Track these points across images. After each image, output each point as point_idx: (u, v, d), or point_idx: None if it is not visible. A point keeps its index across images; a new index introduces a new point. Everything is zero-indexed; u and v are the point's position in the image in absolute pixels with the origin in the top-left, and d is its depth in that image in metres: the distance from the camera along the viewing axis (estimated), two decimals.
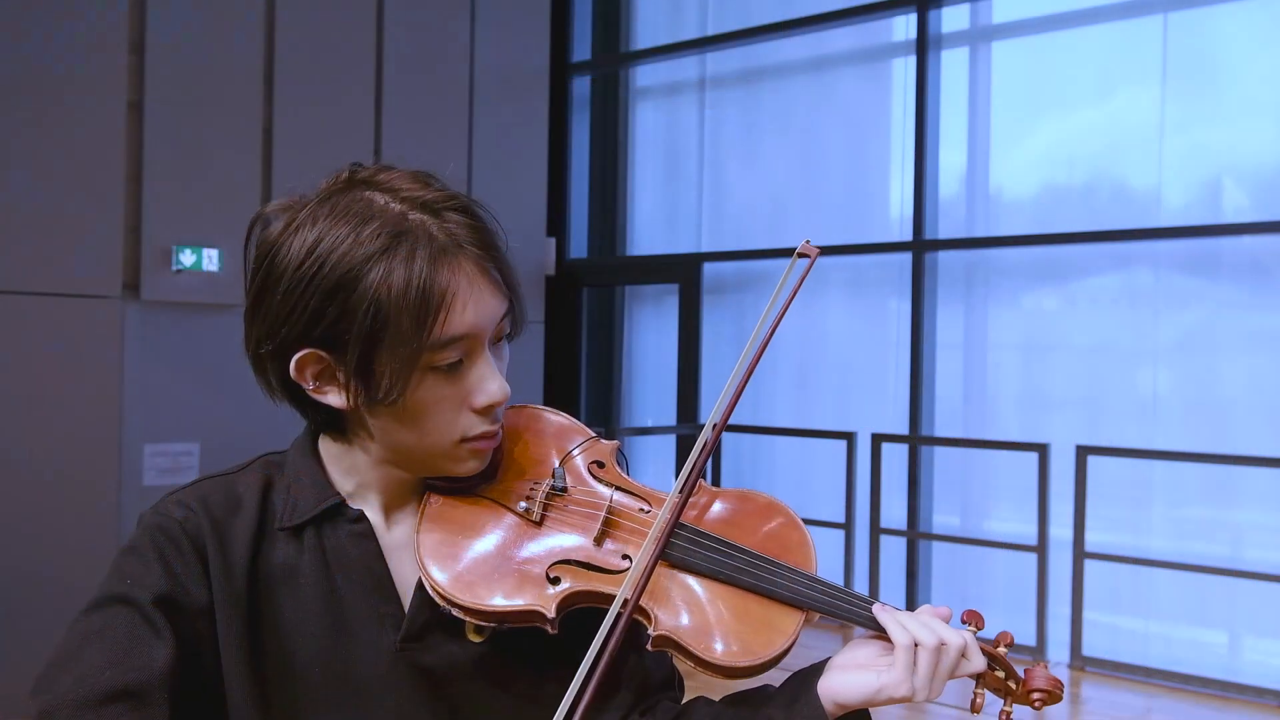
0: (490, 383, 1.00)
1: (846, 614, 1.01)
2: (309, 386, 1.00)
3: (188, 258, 4.41)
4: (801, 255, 1.10)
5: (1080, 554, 4.49)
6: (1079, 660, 4.47)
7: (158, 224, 4.38)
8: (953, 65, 5.22)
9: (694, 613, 0.99)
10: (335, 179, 1.01)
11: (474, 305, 0.97)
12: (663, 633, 0.97)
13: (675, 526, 1.02)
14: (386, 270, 0.94)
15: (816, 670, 1.02)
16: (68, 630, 0.96)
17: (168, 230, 4.40)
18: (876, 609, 1.01)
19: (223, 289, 4.48)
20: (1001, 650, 1.04)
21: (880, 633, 1.00)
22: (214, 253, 4.48)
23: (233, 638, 0.98)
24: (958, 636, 0.99)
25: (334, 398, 0.99)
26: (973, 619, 1.04)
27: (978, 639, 1.02)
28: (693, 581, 1.01)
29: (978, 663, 1.00)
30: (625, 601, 0.95)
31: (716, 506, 1.07)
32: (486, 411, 1.01)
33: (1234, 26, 4.52)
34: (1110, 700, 4.12)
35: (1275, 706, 4.03)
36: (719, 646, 0.97)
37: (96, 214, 4.21)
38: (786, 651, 0.99)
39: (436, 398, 0.98)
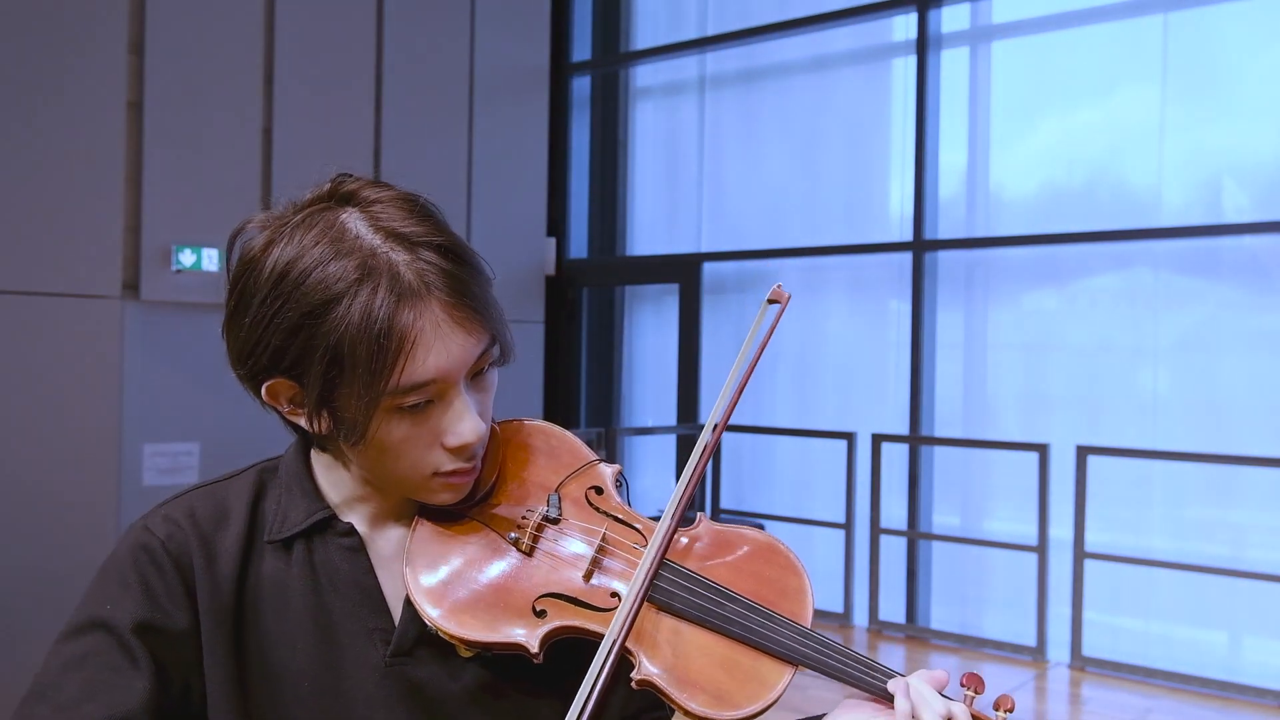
0: (462, 424, 0.95)
1: (837, 673, 0.98)
2: (284, 409, 0.99)
3: (188, 258, 4.41)
4: (773, 301, 1.08)
5: (1080, 554, 4.49)
6: (1079, 660, 4.46)
7: (158, 224, 4.38)
8: (953, 65, 5.22)
9: (679, 659, 0.97)
10: (318, 191, 0.98)
11: (439, 351, 0.92)
12: (645, 676, 0.95)
13: (667, 568, 0.99)
14: (345, 312, 0.90)
15: None
16: (47, 656, 0.95)
17: (168, 230, 4.40)
18: (896, 682, 0.96)
19: (222, 289, 4.47)
20: (1000, 716, 1.00)
21: (873, 695, 0.98)
22: (214, 253, 4.48)
23: (218, 655, 0.97)
24: (962, 716, 0.96)
25: (305, 423, 0.98)
26: (972, 683, 1.00)
27: (974, 707, 0.99)
28: (681, 626, 0.98)
29: None
30: (607, 654, 0.92)
31: (714, 546, 1.04)
32: (459, 451, 0.97)
33: (1234, 26, 4.51)
34: (1110, 700, 4.12)
35: (1275, 707, 4.03)
36: (701, 696, 0.95)
37: (96, 214, 4.21)
38: (771, 705, 0.96)
39: (405, 436, 0.95)
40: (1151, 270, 4.67)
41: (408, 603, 1.00)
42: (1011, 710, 0.99)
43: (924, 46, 5.18)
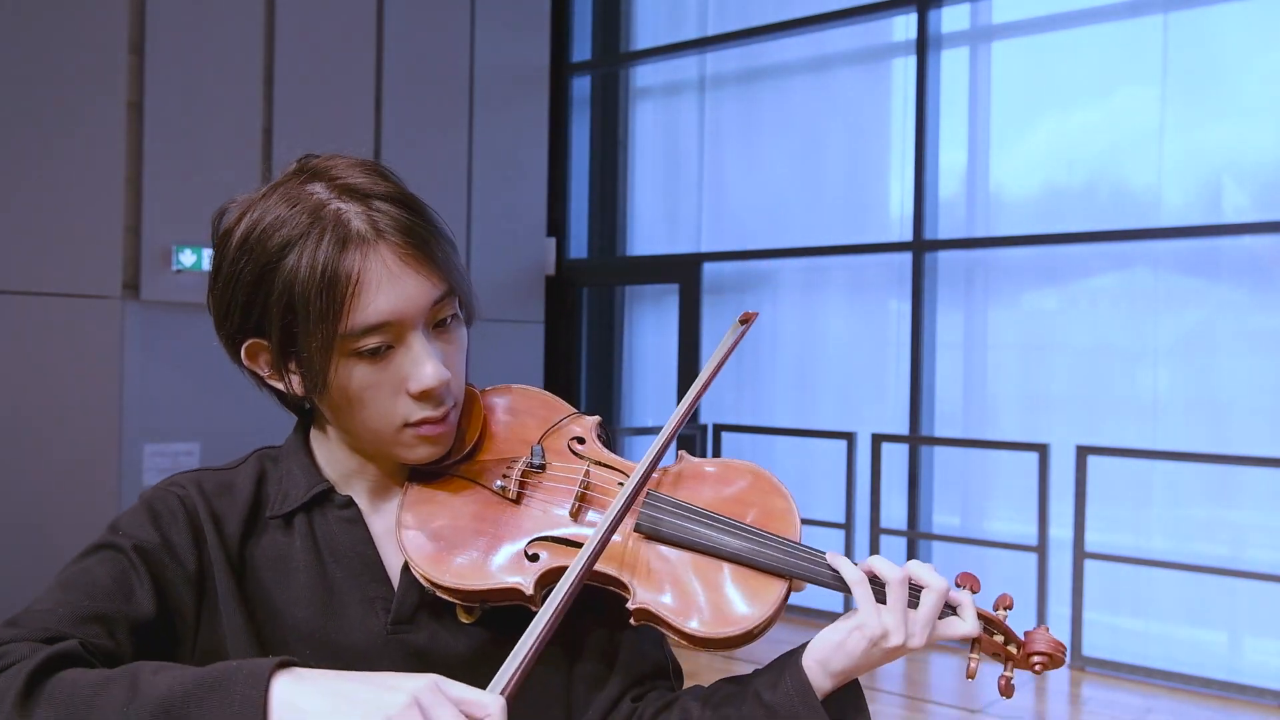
0: (422, 368, 0.97)
1: (830, 581, 0.99)
2: (264, 373, 1.02)
3: (188, 258, 4.41)
4: (744, 321, 1.14)
5: (1080, 554, 4.49)
6: (1079, 660, 4.46)
7: (158, 224, 4.38)
8: (953, 65, 5.22)
9: (673, 585, 0.98)
10: (287, 170, 1.04)
11: (389, 292, 0.95)
12: (641, 605, 0.97)
13: (653, 498, 1.02)
14: (296, 259, 0.94)
15: (804, 644, 1.02)
16: (54, 578, 0.97)
17: (168, 230, 4.40)
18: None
19: None
20: (1001, 614, 1.02)
21: None
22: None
23: (231, 607, 1.00)
24: (936, 579, 0.98)
25: (281, 384, 1.01)
26: (967, 581, 1.02)
27: (975, 604, 1.00)
28: (672, 553, 1.00)
29: (970, 619, 0.99)
30: (585, 559, 0.92)
31: (698, 476, 1.07)
32: (424, 397, 0.99)
33: (1234, 26, 4.52)
34: (1110, 700, 4.12)
35: (1275, 706, 4.03)
36: (698, 618, 0.96)
37: (96, 214, 4.21)
38: (770, 621, 0.97)
39: (368, 384, 0.97)
40: (1151, 270, 4.68)
41: (405, 569, 1.02)
42: (1010, 607, 1.02)
43: (924, 47, 5.18)
